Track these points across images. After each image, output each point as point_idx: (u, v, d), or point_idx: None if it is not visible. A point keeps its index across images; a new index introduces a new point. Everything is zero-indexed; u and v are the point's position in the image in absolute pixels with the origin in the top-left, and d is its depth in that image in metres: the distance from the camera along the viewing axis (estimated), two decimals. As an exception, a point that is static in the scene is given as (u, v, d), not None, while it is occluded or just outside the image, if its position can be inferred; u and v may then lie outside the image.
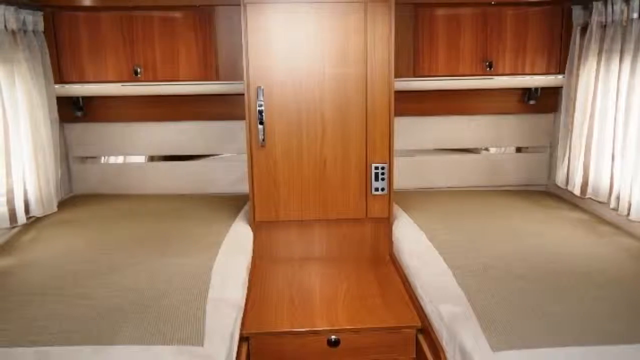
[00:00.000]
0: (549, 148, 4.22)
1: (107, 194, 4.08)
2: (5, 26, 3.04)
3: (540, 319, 2.14)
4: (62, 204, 3.70)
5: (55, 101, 3.55)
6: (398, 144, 3.55)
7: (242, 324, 2.63)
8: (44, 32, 3.43)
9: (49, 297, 2.34)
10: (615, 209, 3.22)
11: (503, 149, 4.32)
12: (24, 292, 2.41)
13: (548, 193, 4.09)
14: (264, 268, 3.39)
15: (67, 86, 3.63)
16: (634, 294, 2.36)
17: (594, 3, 3.28)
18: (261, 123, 3.25)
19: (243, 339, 2.63)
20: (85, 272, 2.61)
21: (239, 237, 3.26)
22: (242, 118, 3.33)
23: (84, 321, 2.14)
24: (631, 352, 1.96)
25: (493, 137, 4.22)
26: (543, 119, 4.16)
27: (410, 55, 3.74)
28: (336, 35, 3.20)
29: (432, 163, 4.26)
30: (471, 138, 4.21)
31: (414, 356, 2.75)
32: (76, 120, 3.98)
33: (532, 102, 4.06)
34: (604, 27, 3.26)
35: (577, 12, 3.55)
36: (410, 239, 3.24)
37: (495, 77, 3.77)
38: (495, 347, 2.00)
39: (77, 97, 3.85)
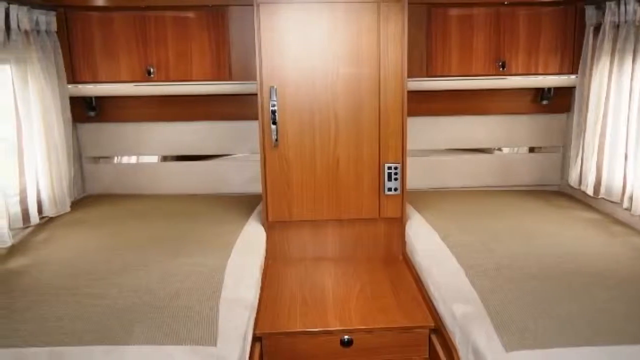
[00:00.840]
0: (562, 148, 4.20)
1: (120, 194, 4.09)
2: (19, 26, 3.04)
3: (553, 319, 2.13)
4: (75, 204, 3.72)
5: (68, 101, 3.56)
6: (411, 144, 3.55)
7: (255, 324, 2.64)
8: (57, 32, 3.45)
9: (62, 297, 2.34)
10: (629, 209, 3.20)
11: (516, 149, 4.29)
12: (37, 292, 2.41)
13: (561, 193, 4.07)
14: (277, 268, 3.40)
15: (80, 86, 3.65)
16: (647, 294, 2.35)
17: (607, 3, 3.27)
18: (274, 123, 3.25)
19: (256, 339, 2.63)
20: (99, 272, 2.61)
21: (252, 237, 3.26)
22: (255, 118, 3.33)
23: (97, 321, 2.15)
24: (645, 352, 1.95)
25: (506, 137, 4.20)
26: (556, 119, 4.14)
27: (423, 55, 3.73)
28: (349, 35, 3.20)
29: (445, 163, 4.25)
30: (484, 138, 4.20)
31: (427, 356, 2.75)
32: (89, 120, 3.99)
33: (545, 102, 4.04)
34: (617, 27, 3.24)
35: (590, 12, 3.53)
36: (423, 238, 3.24)
37: (508, 77, 3.76)
38: (509, 346, 2.00)
39: (90, 97, 3.86)
